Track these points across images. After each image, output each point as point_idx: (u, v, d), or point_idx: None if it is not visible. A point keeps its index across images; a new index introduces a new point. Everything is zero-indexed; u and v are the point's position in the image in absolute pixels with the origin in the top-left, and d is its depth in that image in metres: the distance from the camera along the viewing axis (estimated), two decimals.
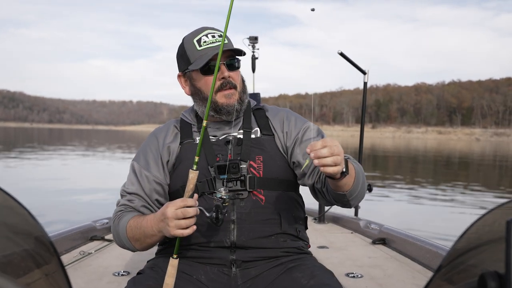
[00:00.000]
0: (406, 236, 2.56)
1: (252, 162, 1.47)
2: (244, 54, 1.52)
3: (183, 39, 1.55)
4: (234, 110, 1.50)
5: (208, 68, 1.48)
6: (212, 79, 1.47)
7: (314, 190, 1.49)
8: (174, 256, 1.33)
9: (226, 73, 1.47)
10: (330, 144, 1.16)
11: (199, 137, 1.53)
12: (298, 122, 1.58)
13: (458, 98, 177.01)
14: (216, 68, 1.37)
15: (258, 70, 4.96)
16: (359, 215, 3.55)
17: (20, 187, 10.04)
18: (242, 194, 1.44)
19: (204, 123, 1.35)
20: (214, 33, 1.51)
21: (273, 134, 1.56)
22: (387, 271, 2.22)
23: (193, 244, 1.44)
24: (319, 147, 1.16)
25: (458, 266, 0.61)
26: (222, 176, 1.43)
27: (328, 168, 1.17)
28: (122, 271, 2.19)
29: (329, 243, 2.81)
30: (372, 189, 3.47)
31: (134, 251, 1.51)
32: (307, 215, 1.63)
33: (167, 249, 1.52)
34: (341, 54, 3.26)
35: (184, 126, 1.61)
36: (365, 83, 3.57)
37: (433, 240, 2.44)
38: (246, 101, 1.58)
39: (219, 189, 1.34)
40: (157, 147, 1.58)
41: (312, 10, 1.55)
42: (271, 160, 1.49)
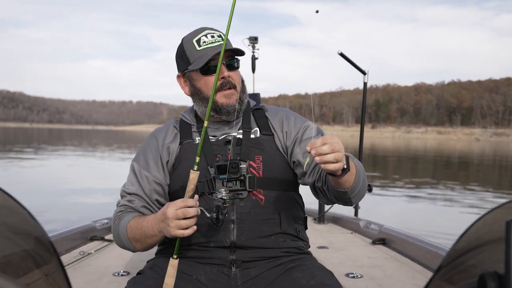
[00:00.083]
0: (406, 236, 2.56)
1: (251, 162, 1.47)
2: (243, 54, 1.52)
3: (182, 39, 1.55)
4: (235, 110, 1.50)
5: (208, 68, 1.48)
6: (211, 79, 1.47)
7: (315, 189, 1.49)
8: (174, 256, 1.33)
9: (225, 73, 1.47)
10: (330, 141, 1.16)
11: (199, 137, 1.54)
12: (297, 122, 1.58)
13: (458, 98, 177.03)
14: (218, 68, 1.36)
15: (258, 70, 4.97)
16: (359, 215, 3.55)
17: (20, 187, 10.04)
18: (241, 194, 1.44)
19: (205, 123, 1.35)
20: (213, 33, 1.51)
21: (273, 134, 1.56)
22: (387, 271, 2.22)
23: (193, 244, 1.44)
24: (319, 144, 1.15)
25: (458, 266, 0.61)
26: (222, 176, 1.43)
27: (330, 165, 1.17)
28: (122, 271, 2.19)
29: (329, 243, 2.81)
30: (372, 189, 3.47)
31: (135, 252, 1.52)
32: (307, 215, 1.63)
33: (167, 249, 1.52)
34: (341, 55, 3.26)
35: (183, 126, 1.61)
36: (365, 83, 3.57)
37: (433, 240, 2.44)
38: (245, 101, 1.58)
39: (220, 190, 1.34)
40: (156, 147, 1.58)
41: (317, 12, 1.55)
42: (271, 160, 1.49)
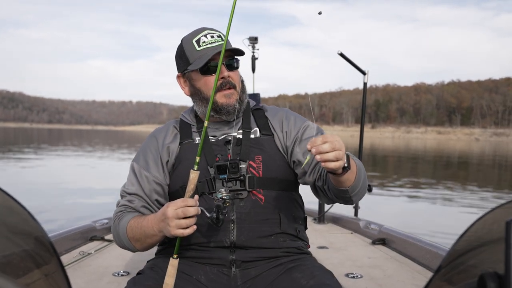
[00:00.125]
0: (406, 237, 2.56)
1: (251, 162, 1.47)
2: (243, 54, 1.52)
3: (182, 39, 1.55)
4: (235, 110, 1.50)
5: (208, 69, 1.48)
6: (211, 79, 1.47)
7: (315, 188, 1.49)
8: (174, 256, 1.33)
9: (225, 73, 1.47)
10: (331, 140, 1.16)
11: (199, 138, 1.54)
12: (297, 121, 1.58)
13: (458, 98, 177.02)
14: (218, 68, 1.36)
15: (257, 71, 4.97)
16: (359, 215, 3.55)
17: (20, 187, 10.04)
18: (241, 194, 1.44)
19: (206, 123, 1.35)
20: (213, 33, 1.51)
21: (273, 134, 1.56)
22: (387, 271, 2.22)
23: (193, 244, 1.44)
24: (319, 142, 1.15)
25: (457, 266, 0.61)
26: (221, 176, 1.43)
27: (330, 164, 1.16)
28: (122, 271, 2.19)
29: (329, 244, 2.81)
30: (372, 189, 3.47)
31: (134, 252, 1.51)
32: (306, 215, 1.63)
33: (167, 249, 1.52)
34: (341, 55, 3.27)
35: (183, 126, 1.61)
36: (365, 84, 3.57)
37: (433, 240, 2.45)
38: (245, 101, 1.58)
39: (220, 189, 1.34)
40: (156, 147, 1.58)
41: (319, 13, 1.55)
42: (271, 160, 1.49)
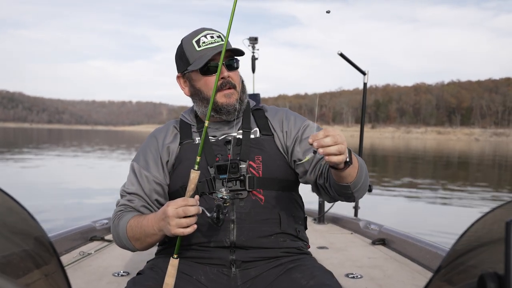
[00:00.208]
0: (405, 237, 2.56)
1: (251, 162, 1.47)
2: (243, 54, 1.52)
3: (182, 40, 1.55)
4: (236, 109, 1.51)
5: (208, 69, 1.48)
6: (211, 79, 1.48)
7: (316, 187, 1.48)
8: (175, 256, 1.33)
9: (225, 73, 1.47)
10: (333, 133, 1.15)
11: (199, 138, 1.54)
12: (297, 121, 1.58)
13: (458, 98, 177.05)
14: (219, 68, 1.36)
15: (257, 71, 4.96)
16: (359, 216, 3.55)
17: (20, 187, 10.03)
18: (241, 194, 1.44)
19: (206, 123, 1.35)
20: (213, 33, 1.51)
21: (273, 134, 1.56)
22: (387, 271, 2.22)
23: (193, 244, 1.44)
24: (321, 136, 1.15)
25: (457, 267, 0.61)
26: (222, 176, 1.43)
27: (333, 157, 1.16)
28: (122, 271, 2.19)
29: (329, 244, 2.81)
30: (372, 189, 3.47)
31: (134, 251, 1.51)
32: (306, 215, 1.63)
33: (166, 249, 1.52)
34: (341, 55, 3.27)
35: (183, 126, 1.61)
36: (365, 84, 3.58)
37: (433, 240, 2.44)
38: (245, 101, 1.58)
39: (220, 189, 1.34)
40: (156, 147, 1.58)
41: (328, 12, 1.54)
42: (271, 160, 1.49)
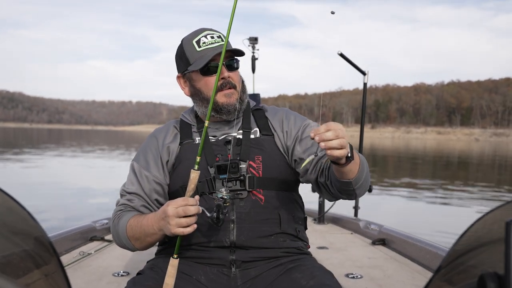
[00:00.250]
0: (405, 237, 2.56)
1: (251, 162, 1.47)
2: (243, 54, 1.52)
3: (182, 40, 1.55)
4: (236, 109, 1.51)
5: (208, 69, 1.48)
6: (211, 80, 1.48)
7: (317, 185, 1.47)
8: (175, 256, 1.33)
9: (225, 74, 1.48)
10: (334, 127, 1.15)
11: (199, 138, 1.54)
12: (297, 121, 1.58)
13: (457, 99, 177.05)
14: (219, 68, 1.36)
15: (257, 71, 4.96)
16: (359, 216, 3.55)
17: (20, 187, 10.03)
18: (241, 194, 1.44)
19: (206, 123, 1.35)
20: (213, 34, 1.51)
21: (273, 134, 1.56)
22: (387, 271, 2.23)
23: (193, 244, 1.44)
24: (323, 130, 1.15)
25: (457, 267, 0.61)
26: (222, 176, 1.43)
27: (335, 151, 1.16)
28: (121, 271, 2.19)
29: (329, 244, 2.81)
30: (372, 190, 3.47)
31: (134, 251, 1.51)
32: (306, 215, 1.63)
33: (166, 249, 1.52)
34: (341, 55, 3.26)
35: (183, 126, 1.61)
36: (365, 84, 3.57)
37: (433, 240, 2.44)
38: (246, 100, 1.59)
39: (220, 189, 1.34)
40: (156, 147, 1.58)
41: (332, 13, 1.54)
42: (271, 160, 1.49)
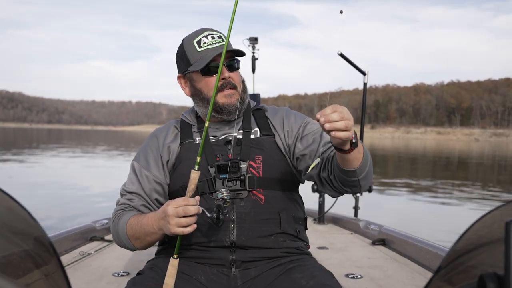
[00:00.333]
0: (405, 237, 2.56)
1: (251, 162, 1.47)
2: (244, 54, 1.52)
3: (182, 40, 1.55)
4: (237, 109, 1.51)
5: (208, 69, 1.48)
6: (212, 80, 1.48)
7: (320, 180, 1.45)
8: (175, 256, 1.33)
9: (226, 74, 1.48)
10: (340, 109, 1.16)
11: (200, 138, 1.54)
12: (297, 119, 1.59)
13: (457, 99, 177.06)
14: (219, 69, 1.36)
15: (257, 71, 4.96)
16: (359, 216, 3.55)
17: (20, 187, 10.03)
18: (241, 194, 1.44)
19: (207, 123, 1.35)
20: (213, 34, 1.51)
21: (273, 134, 1.56)
22: (387, 272, 2.23)
23: (193, 244, 1.44)
24: (329, 112, 1.15)
25: (457, 267, 0.61)
26: (222, 176, 1.43)
27: (340, 133, 1.16)
28: (121, 271, 2.19)
29: (329, 244, 2.81)
30: (372, 190, 3.47)
31: (133, 250, 1.51)
32: (307, 215, 1.63)
33: (166, 249, 1.52)
34: (341, 55, 3.26)
35: (184, 126, 1.61)
36: (365, 84, 3.57)
37: (432, 240, 2.44)
38: (246, 100, 1.59)
39: (220, 189, 1.33)
40: (157, 147, 1.58)
41: (341, 12, 1.53)
42: (271, 160, 1.49)
